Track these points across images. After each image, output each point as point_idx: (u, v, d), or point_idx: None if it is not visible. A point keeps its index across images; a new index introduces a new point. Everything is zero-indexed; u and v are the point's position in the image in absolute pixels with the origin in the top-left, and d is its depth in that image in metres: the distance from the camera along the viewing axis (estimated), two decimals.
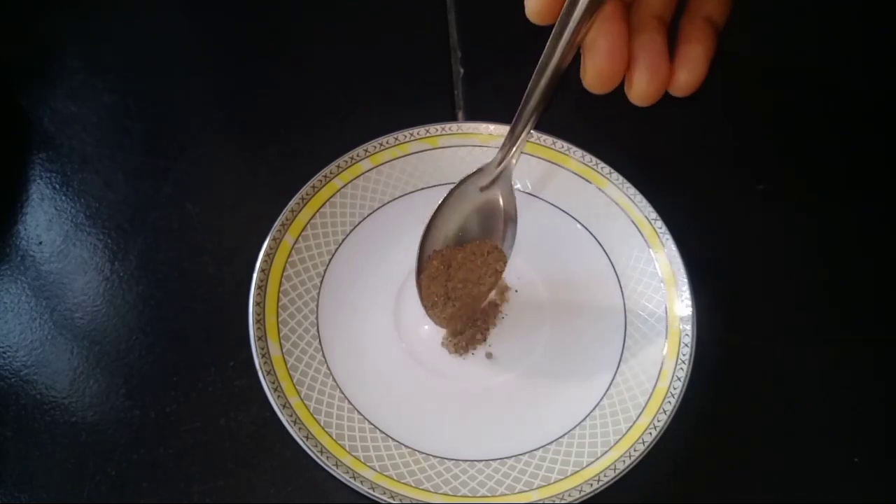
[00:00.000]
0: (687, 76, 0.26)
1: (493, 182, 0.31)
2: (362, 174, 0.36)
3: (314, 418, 0.30)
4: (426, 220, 0.30)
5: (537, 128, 0.36)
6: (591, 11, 0.23)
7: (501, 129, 0.37)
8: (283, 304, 0.32)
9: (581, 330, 0.33)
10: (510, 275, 0.34)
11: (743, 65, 0.43)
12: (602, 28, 0.24)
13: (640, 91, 0.26)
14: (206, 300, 0.34)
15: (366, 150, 0.36)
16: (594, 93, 0.26)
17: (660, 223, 0.34)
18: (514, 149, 0.29)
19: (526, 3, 0.25)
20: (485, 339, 0.33)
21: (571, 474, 0.29)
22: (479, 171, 0.30)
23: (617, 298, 0.34)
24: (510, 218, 0.31)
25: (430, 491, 0.28)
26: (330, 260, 0.34)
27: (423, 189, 0.37)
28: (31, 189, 0.38)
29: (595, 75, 0.25)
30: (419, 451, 0.30)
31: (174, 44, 0.45)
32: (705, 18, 0.25)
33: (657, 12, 0.25)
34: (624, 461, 0.28)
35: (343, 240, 0.35)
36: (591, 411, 0.31)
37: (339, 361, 0.32)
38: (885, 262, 0.36)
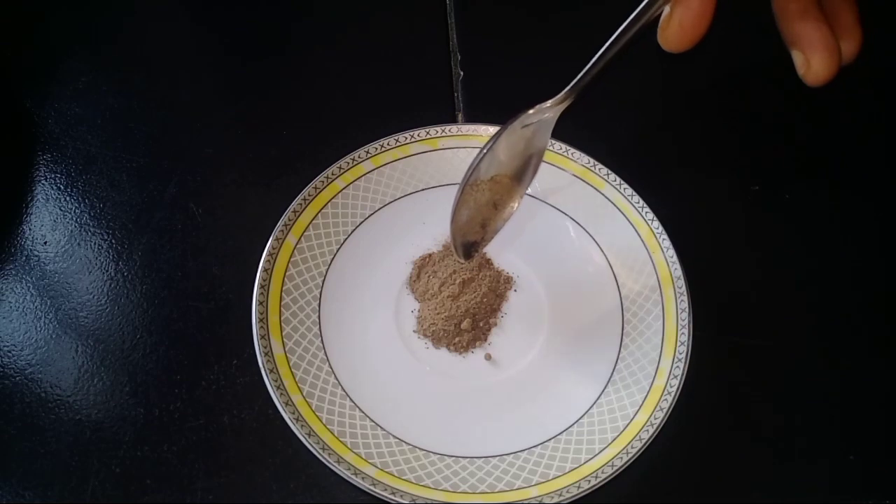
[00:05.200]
0: (849, 45, 0.28)
1: (537, 122, 0.29)
2: (364, 175, 0.36)
3: (316, 416, 0.30)
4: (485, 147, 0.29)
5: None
6: None
7: None
8: (285, 304, 0.33)
9: (579, 329, 0.34)
10: (509, 272, 0.35)
11: (739, 65, 0.43)
12: None
13: (821, 72, 0.27)
14: (209, 299, 0.34)
15: (367, 152, 0.37)
16: (669, 50, 0.27)
17: (656, 223, 0.34)
18: (571, 95, 0.28)
19: None
20: (485, 339, 0.33)
21: (570, 471, 0.29)
22: (532, 111, 0.29)
23: (614, 298, 0.34)
24: (535, 154, 0.30)
25: (430, 487, 0.29)
26: (332, 260, 0.35)
27: (423, 190, 0.37)
28: (36, 189, 0.38)
29: (678, 30, 0.26)
30: (420, 448, 0.30)
31: (178, 46, 0.45)
32: None
33: None
34: (621, 458, 0.28)
35: (345, 240, 0.35)
36: (590, 408, 0.31)
37: (340, 360, 0.32)
38: (882, 261, 0.36)
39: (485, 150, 0.29)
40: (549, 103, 0.28)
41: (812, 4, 0.28)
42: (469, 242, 0.32)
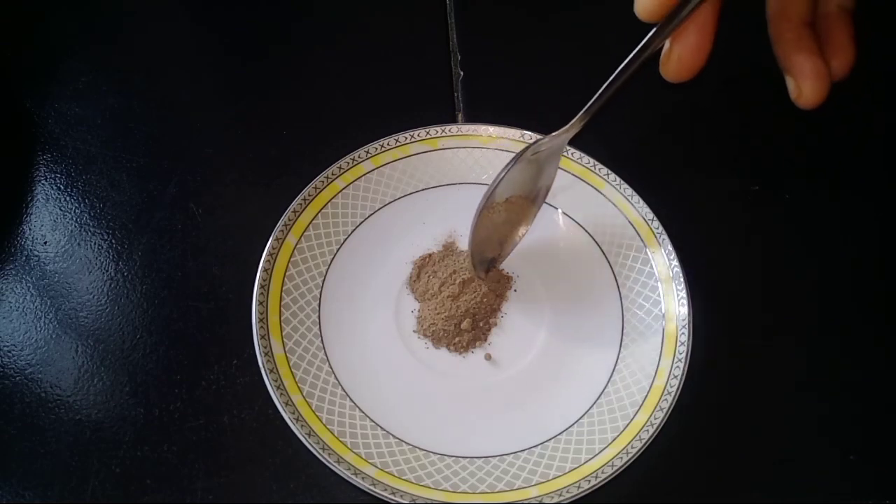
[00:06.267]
0: (841, 63, 0.29)
1: (546, 149, 0.31)
2: (364, 175, 0.36)
3: (316, 416, 0.30)
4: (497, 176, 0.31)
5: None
6: (697, 8, 0.26)
7: (501, 131, 0.37)
8: (285, 304, 0.33)
9: (579, 329, 0.34)
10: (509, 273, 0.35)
11: (739, 65, 0.43)
12: (695, 22, 0.27)
13: (811, 98, 0.29)
14: (209, 299, 0.34)
15: (367, 152, 0.37)
16: (670, 81, 0.28)
17: (656, 223, 0.34)
18: (578, 125, 0.30)
19: (637, 3, 0.27)
20: (485, 339, 0.33)
21: (570, 471, 0.29)
22: (542, 140, 0.31)
23: (614, 298, 0.34)
24: (546, 183, 0.33)
25: (430, 487, 0.29)
26: (332, 260, 0.35)
27: (423, 190, 0.37)
28: (36, 189, 0.38)
29: (678, 64, 0.28)
30: (420, 448, 0.30)
31: (178, 46, 0.45)
32: (838, 6, 0.29)
33: (804, 17, 0.29)
34: (621, 458, 0.28)
35: (345, 240, 0.35)
36: (590, 408, 0.31)
37: (340, 360, 0.32)
38: (881, 261, 0.36)
39: (500, 177, 0.31)
40: (557, 133, 0.31)
41: (805, 32, 0.29)
42: (487, 259, 0.33)
